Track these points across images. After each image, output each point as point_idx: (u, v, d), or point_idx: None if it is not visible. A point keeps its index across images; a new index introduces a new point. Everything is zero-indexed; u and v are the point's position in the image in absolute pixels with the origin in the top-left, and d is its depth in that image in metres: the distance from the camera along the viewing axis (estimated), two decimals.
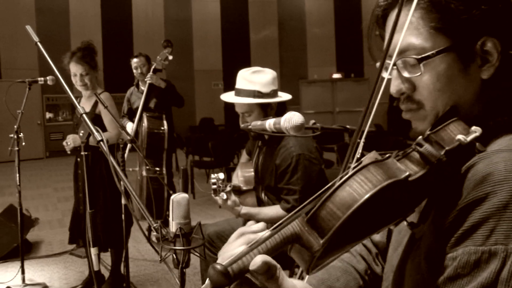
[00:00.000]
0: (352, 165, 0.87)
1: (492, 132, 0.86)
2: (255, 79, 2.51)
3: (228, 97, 2.61)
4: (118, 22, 14.39)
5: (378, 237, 1.21)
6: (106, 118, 3.55)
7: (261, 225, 0.85)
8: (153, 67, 4.98)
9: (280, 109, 2.58)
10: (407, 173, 0.75)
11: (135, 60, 5.19)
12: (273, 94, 2.52)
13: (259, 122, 1.67)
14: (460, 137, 0.78)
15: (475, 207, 0.75)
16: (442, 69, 0.88)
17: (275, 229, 0.76)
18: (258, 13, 16.25)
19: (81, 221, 3.65)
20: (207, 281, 0.72)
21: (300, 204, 2.41)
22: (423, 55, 0.88)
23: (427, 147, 0.79)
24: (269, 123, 1.60)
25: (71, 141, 3.45)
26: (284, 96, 2.61)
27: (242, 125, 2.08)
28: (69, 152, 3.50)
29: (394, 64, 0.93)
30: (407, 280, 0.94)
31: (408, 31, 0.89)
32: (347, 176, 0.74)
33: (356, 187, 0.72)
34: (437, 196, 0.85)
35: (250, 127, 1.74)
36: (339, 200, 0.72)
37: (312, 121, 1.63)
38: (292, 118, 1.55)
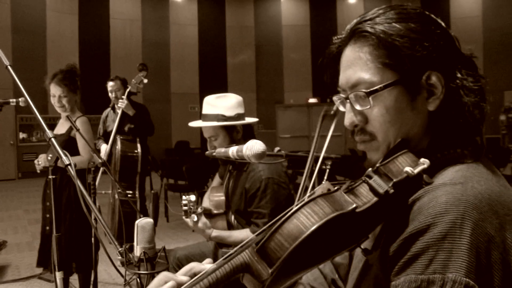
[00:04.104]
0: (306, 196, 0.92)
1: (439, 164, 0.92)
2: (219, 103, 2.55)
3: (195, 123, 2.65)
4: (95, 43, 14.36)
5: (339, 259, 1.24)
6: (80, 142, 3.55)
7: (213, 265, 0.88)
8: (128, 90, 4.99)
9: (247, 133, 2.61)
10: (354, 206, 0.79)
11: (110, 83, 5.19)
12: (238, 117, 2.56)
13: (223, 150, 1.71)
14: (407, 169, 0.83)
15: (418, 237, 0.80)
16: (390, 101, 0.94)
17: (225, 260, 0.80)
18: (236, 38, 16.44)
19: (48, 242, 3.59)
20: None
21: None
22: (371, 89, 0.93)
23: (375, 179, 0.83)
24: (232, 150, 1.65)
25: (42, 160, 3.44)
26: (249, 119, 2.64)
27: (207, 152, 2.11)
28: (38, 172, 3.47)
29: (347, 98, 0.99)
30: None
31: (358, 66, 0.96)
32: (295, 208, 0.78)
33: (303, 219, 0.76)
34: (386, 225, 0.90)
35: (214, 154, 1.77)
36: (287, 232, 0.76)
37: (277, 148, 1.67)
38: (253, 146, 1.60)
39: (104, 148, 5.04)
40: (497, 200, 0.83)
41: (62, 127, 3.67)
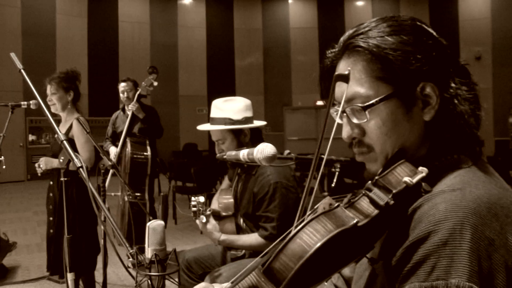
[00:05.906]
0: (308, 212, 0.94)
1: (438, 171, 0.93)
2: (227, 107, 2.56)
3: (203, 126, 2.66)
4: (104, 46, 14.46)
5: (348, 272, 1.25)
6: (79, 142, 3.55)
7: (227, 285, 0.90)
8: (138, 92, 5.02)
9: (255, 136, 2.62)
10: (355, 221, 0.81)
11: (122, 84, 5.23)
12: (246, 121, 2.56)
13: (233, 152, 1.72)
14: (406, 179, 0.85)
15: (419, 245, 0.81)
16: (386, 114, 0.95)
17: (234, 283, 0.83)
18: (244, 40, 16.49)
19: (51, 244, 3.60)
20: None
21: (278, 232, 2.44)
22: (367, 103, 0.95)
23: (375, 191, 0.85)
24: (243, 153, 1.66)
25: (43, 163, 3.43)
26: (257, 123, 2.65)
27: (217, 155, 2.12)
28: (39, 175, 3.48)
29: (344, 112, 1.01)
30: None
31: (353, 81, 0.97)
32: (298, 228, 0.80)
33: (306, 238, 0.78)
34: (389, 235, 0.91)
35: (225, 156, 1.78)
36: (291, 252, 0.78)
37: (287, 151, 1.68)
38: (264, 149, 1.61)
39: (113, 150, 5.07)
40: (496, 202, 0.84)
41: (61, 129, 3.66)
